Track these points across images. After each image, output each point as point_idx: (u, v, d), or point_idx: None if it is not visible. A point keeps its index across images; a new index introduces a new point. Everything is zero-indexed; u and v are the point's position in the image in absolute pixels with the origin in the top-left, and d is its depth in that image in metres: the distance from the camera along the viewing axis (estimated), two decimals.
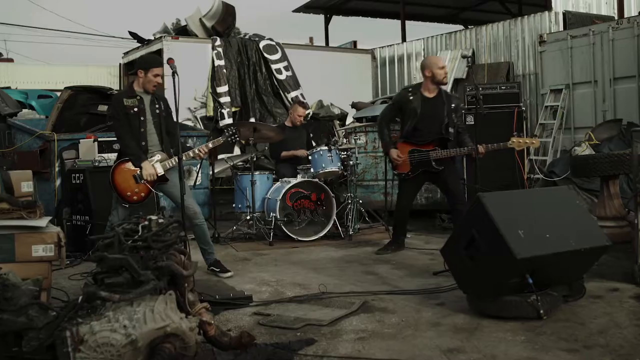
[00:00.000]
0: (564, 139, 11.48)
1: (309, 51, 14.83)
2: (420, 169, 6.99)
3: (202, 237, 6.47)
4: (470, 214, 4.94)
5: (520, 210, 4.83)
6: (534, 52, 12.62)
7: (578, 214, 5.03)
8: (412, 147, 7.02)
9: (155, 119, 6.23)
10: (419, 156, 6.97)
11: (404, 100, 7.04)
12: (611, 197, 7.72)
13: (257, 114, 13.04)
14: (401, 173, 7.14)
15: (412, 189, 7.26)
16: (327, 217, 8.34)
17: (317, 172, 8.43)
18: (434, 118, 6.92)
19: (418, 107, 6.89)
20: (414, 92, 7.01)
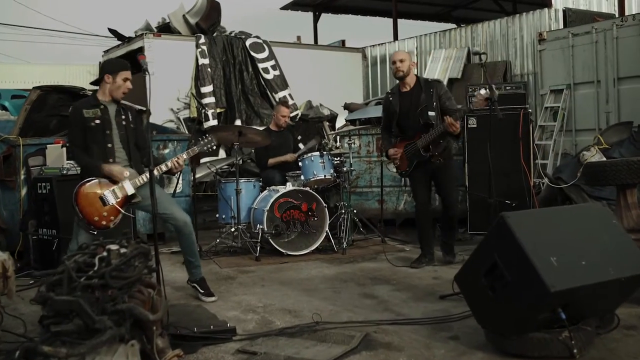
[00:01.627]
0: (565, 141, 10.80)
1: (298, 50, 14.04)
2: (414, 160, 6.68)
3: (189, 248, 5.65)
4: (492, 236, 4.15)
5: (550, 232, 4.05)
6: (532, 51, 11.94)
7: (615, 235, 4.25)
8: (405, 142, 6.77)
9: (122, 132, 5.38)
10: (411, 148, 6.69)
11: (387, 104, 6.92)
12: (629, 207, 6.96)
13: (243, 115, 12.26)
14: (402, 172, 6.91)
15: (420, 186, 6.84)
16: (318, 229, 7.54)
17: (307, 180, 7.63)
18: (412, 111, 6.67)
19: (396, 104, 6.74)
20: (393, 92, 6.90)
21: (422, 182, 6.83)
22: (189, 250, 5.64)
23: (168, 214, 5.44)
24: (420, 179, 6.81)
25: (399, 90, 6.80)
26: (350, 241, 7.87)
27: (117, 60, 5.75)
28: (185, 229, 5.50)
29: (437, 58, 13.26)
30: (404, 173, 6.89)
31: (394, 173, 9.06)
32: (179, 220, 5.45)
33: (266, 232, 7.27)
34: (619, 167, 6.74)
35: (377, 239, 8.32)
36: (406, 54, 6.86)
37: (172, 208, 5.47)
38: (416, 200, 6.91)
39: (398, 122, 6.76)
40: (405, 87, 6.76)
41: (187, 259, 5.70)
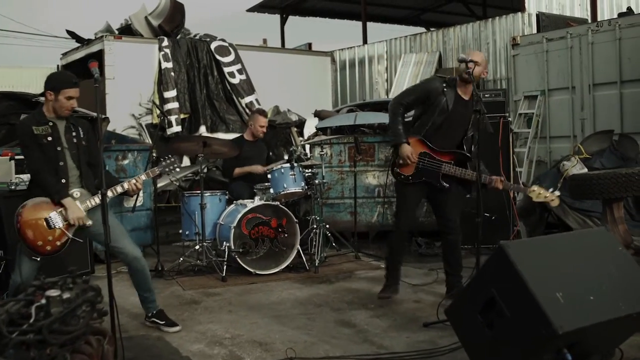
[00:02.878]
0: (539, 148, 10.51)
1: (264, 53, 13.48)
2: (423, 177, 5.45)
3: (143, 284, 5.07)
4: (489, 268, 3.68)
5: (554, 263, 3.59)
6: (505, 56, 11.66)
7: (623, 265, 3.80)
8: (425, 149, 5.45)
9: (73, 150, 4.78)
10: (429, 163, 5.43)
11: (435, 91, 5.39)
12: (616, 222, 6.58)
13: (208, 121, 11.66)
14: (401, 174, 5.50)
15: (410, 203, 5.60)
16: (289, 246, 7.00)
17: (277, 194, 7.09)
18: (460, 125, 5.45)
19: (450, 104, 5.35)
20: (449, 85, 5.41)
21: (416, 199, 5.67)
22: (143, 286, 5.07)
23: (118, 248, 4.84)
24: (414, 195, 5.59)
25: (456, 90, 5.41)
26: (322, 258, 7.34)
27: (61, 75, 5.11)
28: (137, 264, 4.93)
29: (407, 62, 12.96)
30: (402, 177, 5.50)
31: (367, 184, 8.65)
32: (129, 256, 4.88)
33: (233, 250, 6.72)
34: (606, 180, 6.36)
35: (350, 254, 7.82)
36: (483, 59, 5.42)
37: (123, 241, 4.88)
38: (398, 219, 5.69)
39: (441, 124, 5.39)
40: (464, 94, 5.43)
41: (141, 295, 5.12)
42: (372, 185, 8.67)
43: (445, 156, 5.44)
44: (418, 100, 5.50)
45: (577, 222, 7.80)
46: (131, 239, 5.01)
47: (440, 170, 5.40)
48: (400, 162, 5.45)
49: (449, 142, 5.47)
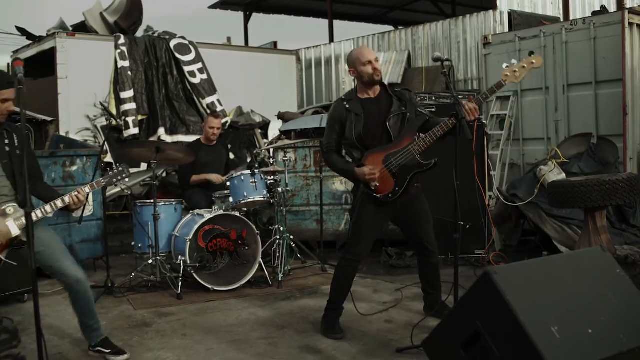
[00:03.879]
0: (512, 151, 10.10)
1: (227, 52, 12.92)
2: (408, 175, 4.78)
3: (86, 310, 4.52)
4: (473, 298, 3.22)
5: (547, 291, 3.15)
6: (477, 55, 11.27)
7: (622, 291, 3.38)
8: (380, 154, 4.82)
9: (5, 160, 4.22)
10: (398, 159, 4.76)
11: (341, 112, 4.94)
12: (598, 232, 6.21)
13: (167, 123, 11.07)
14: (386, 195, 4.81)
15: (374, 226, 4.95)
16: (250, 260, 6.50)
17: (237, 203, 6.59)
18: (383, 118, 4.90)
19: (359, 109, 4.88)
20: (349, 99, 4.97)
21: (383, 221, 5.06)
22: (86, 313, 4.51)
23: (58, 269, 4.33)
24: (383, 216, 4.98)
25: (358, 97, 4.97)
26: (286, 271, 6.86)
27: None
28: (79, 287, 4.38)
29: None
30: (390, 196, 4.81)
31: (334, 190, 8.18)
32: (70, 278, 4.33)
33: (189, 265, 6.19)
34: (589, 188, 5.98)
35: (316, 266, 7.34)
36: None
37: (64, 261, 4.34)
38: (357, 250, 4.96)
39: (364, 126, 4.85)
40: (368, 94, 4.96)
41: (83, 322, 4.56)
42: (339, 192, 8.23)
43: (403, 142, 4.80)
44: (338, 134, 4.98)
45: (555, 229, 7.42)
46: (73, 260, 4.46)
47: (413, 154, 4.73)
48: (372, 185, 4.79)
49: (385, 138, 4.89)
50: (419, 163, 4.78)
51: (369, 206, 4.86)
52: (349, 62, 4.99)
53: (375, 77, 4.85)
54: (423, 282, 5.29)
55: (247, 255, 6.49)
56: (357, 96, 4.99)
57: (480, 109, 7.82)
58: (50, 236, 4.39)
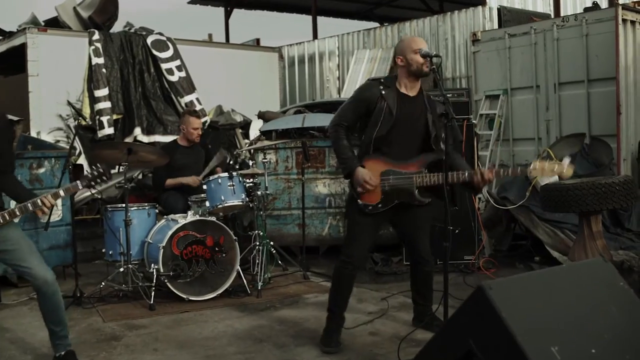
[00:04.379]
0: (502, 151, 9.96)
1: (207, 48, 12.65)
2: (395, 200, 4.57)
3: (53, 314, 4.28)
4: (465, 314, 3.00)
5: (546, 307, 2.94)
6: (465, 52, 11.14)
7: (625, 305, 3.17)
8: (385, 165, 4.59)
9: None
10: (396, 180, 4.54)
11: (373, 96, 4.56)
12: (593, 237, 6.03)
13: (143, 123, 10.79)
14: (368, 205, 4.58)
15: (369, 232, 4.70)
16: (227, 268, 6.25)
17: (214, 207, 6.34)
18: (415, 126, 4.62)
19: (394, 106, 4.52)
20: (387, 85, 4.61)
21: (378, 228, 4.81)
22: (52, 317, 4.28)
23: (24, 268, 4.15)
24: (377, 223, 4.74)
25: (397, 89, 4.62)
26: (266, 279, 6.61)
27: None
28: (47, 289, 4.15)
29: (360, 59, 12.36)
30: (370, 208, 4.58)
31: (317, 193, 7.96)
32: (38, 279, 4.11)
33: (162, 273, 5.94)
34: (584, 192, 5.80)
35: (298, 273, 7.11)
36: None
37: (32, 260, 4.14)
38: (351, 251, 4.68)
39: (390, 130, 4.54)
40: (408, 89, 4.64)
41: (50, 328, 4.33)
42: (322, 195, 8.01)
43: (411, 166, 4.58)
44: (358, 115, 4.66)
45: (548, 234, 7.24)
46: (41, 260, 4.22)
47: (413, 184, 4.52)
48: (360, 190, 4.55)
49: (408, 150, 4.63)
50: (413, 196, 4.57)
51: (366, 216, 4.64)
52: (397, 49, 4.68)
53: (425, 68, 4.51)
54: (414, 292, 5.05)
55: (225, 262, 6.24)
56: (397, 87, 4.63)
57: (470, 109, 7.70)
58: (21, 235, 4.21)
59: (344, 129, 4.64)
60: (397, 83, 4.64)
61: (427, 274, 4.92)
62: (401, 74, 4.65)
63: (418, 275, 4.95)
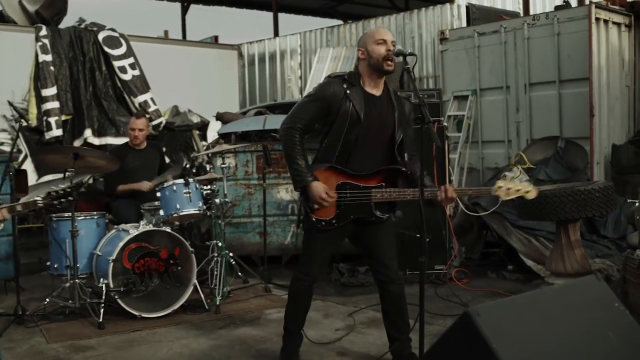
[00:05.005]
0: (471, 154, 9.81)
1: (162, 45, 12.32)
2: (351, 215, 4.20)
3: None
4: (451, 342, 2.74)
5: (538, 334, 2.70)
6: (433, 51, 10.92)
7: (622, 329, 2.95)
8: (342, 177, 4.17)
9: None
10: (354, 195, 4.16)
11: (336, 95, 4.12)
12: (572, 246, 5.85)
13: (94, 124, 10.42)
14: (321, 221, 4.19)
15: (327, 248, 4.33)
16: (184, 281, 5.92)
17: (169, 216, 6.01)
18: (381, 131, 4.21)
19: (361, 108, 4.11)
20: (352, 83, 4.16)
21: (335, 243, 4.39)
22: None
23: None
24: (335, 239, 4.32)
25: (362, 87, 4.20)
26: (225, 293, 6.30)
27: None
28: None
29: (324, 57, 12.07)
30: (324, 224, 4.17)
31: (279, 199, 7.69)
32: None
33: (112, 289, 5.59)
34: (563, 199, 5.62)
35: (260, 285, 6.81)
36: None
37: None
38: (307, 267, 4.32)
39: (356, 138, 4.15)
40: (373, 88, 4.24)
41: None
42: (284, 201, 7.76)
43: (371, 179, 4.19)
44: (317, 116, 4.21)
45: (521, 241, 7.06)
46: None
47: (370, 200, 4.16)
48: (314, 206, 4.16)
49: (372, 159, 4.21)
50: (371, 212, 4.19)
51: (322, 233, 4.25)
52: (360, 41, 4.28)
53: (386, 66, 4.12)
54: (386, 322, 4.49)
55: (180, 276, 5.91)
56: (361, 85, 4.21)
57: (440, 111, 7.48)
58: None
59: (298, 132, 4.17)
60: (361, 81, 4.24)
61: (397, 296, 4.36)
62: (363, 69, 4.24)
63: (387, 300, 4.42)
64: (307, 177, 4.12)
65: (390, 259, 4.35)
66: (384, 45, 4.12)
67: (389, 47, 4.12)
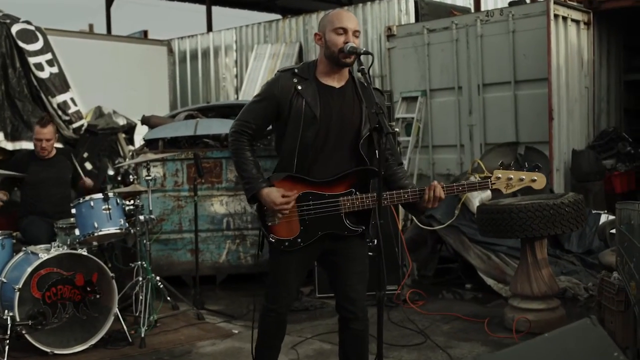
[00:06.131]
0: (421, 159, 9.57)
1: (84, 40, 11.96)
2: (319, 231, 3.67)
3: None
4: None
5: None
6: (379, 49, 10.74)
7: None
8: (304, 188, 3.68)
9: None
10: (319, 207, 3.66)
11: (285, 93, 3.68)
12: (538, 266, 5.50)
13: (7, 126, 9.93)
14: (282, 240, 3.67)
15: (296, 271, 3.80)
16: (103, 311, 5.38)
17: (85, 237, 5.47)
18: (344, 129, 3.72)
19: (315, 105, 3.64)
20: (303, 77, 3.70)
21: (304, 266, 3.86)
22: None
23: None
24: (302, 262, 3.81)
25: (317, 79, 3.72)
26: (152, 322, 5.77)
27: None
28: None
29: (261, 55, 11.97)
30: (287, 244, 3.65)
31: (213, 212, 7.22)
32: None
33: (18, 322, 5.01)
34: (529, 214, 5.30)
35: (191, 312, 6.30)
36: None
37: None
38: (276, 301, 3.82)
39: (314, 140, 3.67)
40: (331, 78, 3.74)
41: None
42: (219, 215, 7.28)
43: (338, 186, 3.68)
44: (266, 118, 3.77)
45: (480, 258, 6.75)
46: None
47: (340, 211, 3.64)
48: (272, 221, 3.65)
49: (338, 162, 3.70)
50: (342, 225, 3.68)
51: (286, 256, 3.74)
52: (320, 24, 3.77)
53: (343, 58, 3.62)
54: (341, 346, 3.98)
55: (99, 305, 5.37)
56: (316, 77, 3.73)
57: (392, 115, 7.11)
58: None
59: (247, 137, 3.73)
60: (317, 72, 3.75)
61: (360, 336, 3.86)
62: (320, 57, 3.77)
63: (348, 339, 3.91)
64: (257, 183, 3.65)
65: (358, 292, 3.80)
66: (343, 36, 3.61)
67: (348, 39, 3.61)
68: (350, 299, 3.78)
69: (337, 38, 3.59)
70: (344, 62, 3.62)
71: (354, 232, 3.68)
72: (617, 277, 4.50)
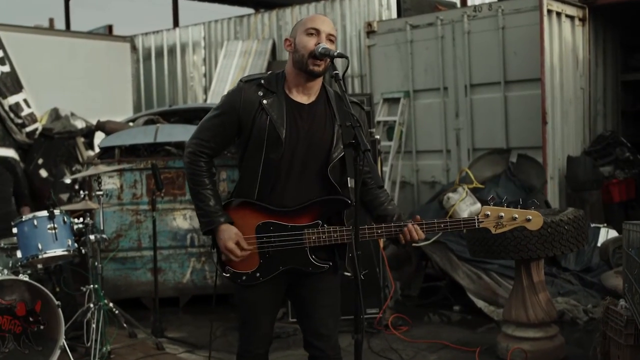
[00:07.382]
0: (404, 166, 9.40)
1: (39, 37, 11.87)
2: (280, 266, 3.41)
3: None
4: None
5: None
6: (358, 46, 10.54)
7: None
8: (264, 217, 3.41)
9: None
10: (281, 239, 3.39)
11: (248, 108, 3.39)
12: (535, 290, 5.22)
13: None
14: (239, 274, 3.42)
15: (267, 305, 3.53)
16: (48, 343, 5.06)
17: (29, 259, 5.14)
18: (313, 151, 3.42)
19: (281, 123, 3.36)
20: (270, 90, 3.40)
21: (272, 302, 3.57)
22: None
23: None
24: (269, 297, 3.52)
25: (285, 93, 3.43)
26: (105, 353, 5.45)
27: None
28: None
29: (232, 52, 11.77)
30: (245, 278, 3.40)
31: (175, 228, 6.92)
32: None
33: None
34: (526, 233, 4.99)
35: (149, 340, 5.96)
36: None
37: None
38: (248, 341, 3.54)
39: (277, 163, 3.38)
40: (300, 92, 3.44)
41: None
42: (182, 230, 7.07)
43: (303, 216, 3.40)
44: (225, 136, 3.49)
45: (470, 277, 6.52)
46: None
47: (304, 245, 3.36)
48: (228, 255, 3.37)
49: (306, 189, 3.42)
50: (306, 261, 3.39)
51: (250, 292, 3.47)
52: (292, 30, 3.49)
53: (311, 65, 3.30)
54: None
55: (44, 337, 5.05)
56: (284, 90, 3.44)
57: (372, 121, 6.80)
58: None
59: (205, 159, 3.44)
60: (286, 85, 3.45)
61: None
62: (289, 67, 3.46)
63: None
64: (215, 217, 3.37)
65: (329, 329, 3.51)
66: (315, 38, 3.29)
67: (320, 41, 3.29)
68: (319, 335, 3.49)
69: (307, 40, 3.27)
70: (313, 69, 3.27)
71: (320, 268, 3.37)
72: (625, 305, 4.21)
